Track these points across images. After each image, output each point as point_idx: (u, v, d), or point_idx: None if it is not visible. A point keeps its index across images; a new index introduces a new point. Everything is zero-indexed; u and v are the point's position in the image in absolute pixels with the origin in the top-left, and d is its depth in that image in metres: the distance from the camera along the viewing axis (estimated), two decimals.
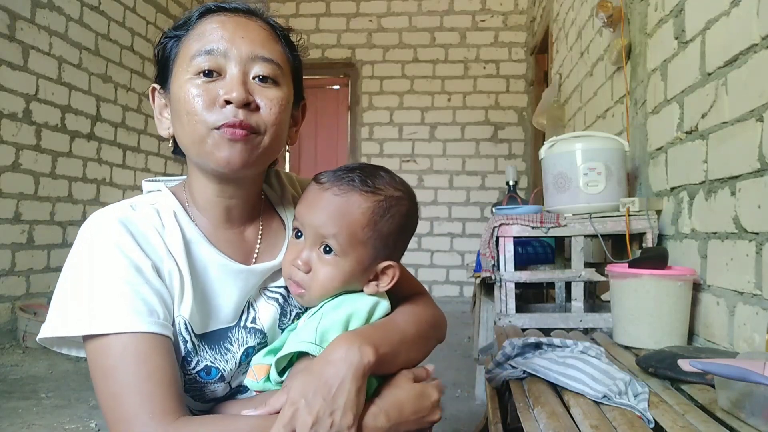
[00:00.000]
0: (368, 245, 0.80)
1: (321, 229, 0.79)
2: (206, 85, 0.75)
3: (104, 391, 0.69)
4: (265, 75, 0.78)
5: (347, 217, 0.79)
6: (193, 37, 0.78)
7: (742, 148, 1.33)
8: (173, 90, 0.78)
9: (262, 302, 0.85)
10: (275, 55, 0.79)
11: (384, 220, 0.81)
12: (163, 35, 0.82)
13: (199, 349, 0.78)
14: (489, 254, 1.89)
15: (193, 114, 0.75)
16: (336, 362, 0.70)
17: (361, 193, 0.80)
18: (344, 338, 0.73)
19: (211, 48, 0.76)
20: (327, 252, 0.80)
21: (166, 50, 0.81)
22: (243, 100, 0.74)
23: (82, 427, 2.04)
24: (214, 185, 0.81)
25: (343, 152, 5.66)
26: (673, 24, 1.75)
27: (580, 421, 0.93)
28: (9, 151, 3.25)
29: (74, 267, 0.74)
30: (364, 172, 0.82)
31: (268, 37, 0.80)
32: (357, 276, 0.82)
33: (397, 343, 0.79)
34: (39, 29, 3.45)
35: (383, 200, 0.81)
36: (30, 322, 3.16)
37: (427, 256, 5.33)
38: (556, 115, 3.63)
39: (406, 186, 0.86)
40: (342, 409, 0.68)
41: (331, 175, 0.82)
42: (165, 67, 0.81)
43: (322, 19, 5.62)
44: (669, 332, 1.46)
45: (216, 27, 0.78)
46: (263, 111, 0.77)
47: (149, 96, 0.85)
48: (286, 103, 0.80)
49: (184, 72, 0.77)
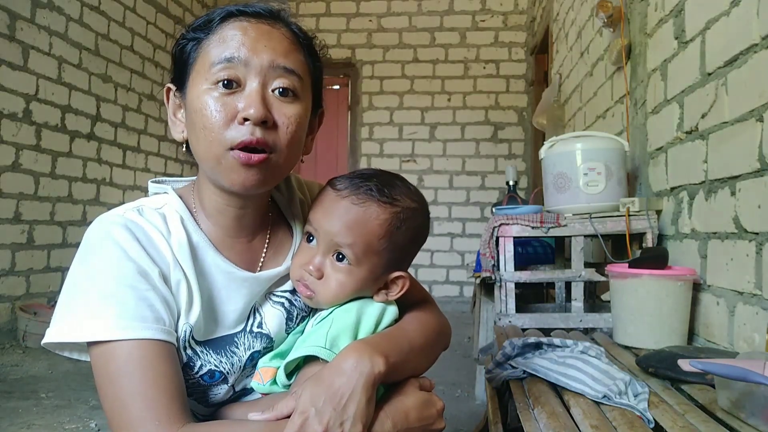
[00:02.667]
0: (382, 255, 0.80)
1: (337, 237, 0.79)
2: (224, 98, 0.73)
3: (109, 397, 0.69)
4: (285, 87, 0.76)
5: (365, 227, 0.78)
6: (213, 42, 0.76)
7: (742, 148, 1.33)
8: (190, 97, 0.77)
9: (267, 307, 0.85)
10: (297, 66, 0.77)
11: (399, 231, 0.80)
12: (182, 35, 0.80)
13: (203, 354, 0.78)
14: (489, 254, 1.89)
15: (210, 130, 0.73)
16: (347, 372, 0.69)
17: (379, 203, 0.79)
18: (355, 348, 0.73)
19: (232, 56, 0.74)
20: (340, 260, 0.80)
21: (184, 53, 0.79)
22: (261, 118, 0.72)
23: (82, 427, 2.04)
24: (225, 195, 0.80)
25: (343, 152, 5.66)
26: (673, 24, 1.75)
27: (580, 421, 0.93)
28: (9, 151, 3.25)
29: (79, 272, 0.73)
30: (380, 180, 0.81)
31: (290, 47, 0.78)
32: (368, 284, 0.82)
33: (406, 353, 0.79)
34: (39, 29, 3.45)
35: (400, 212, 0.80)
36: (30, 322, 3.16)
37: (427, 256, 5.33)
38: (556, 115, 3.63)
39: (421, 196, 0.86)
40: (352, 419, 0.67)
41: (348, 182, 0.81)
42: (183, 69, 0.79)
43: (322, 19, 5.62)
44: (669, 332, 1.46)
45: (237, 33, 0.75)
46: (281, 129, 0.75)
47: (164, 95, 0.83)
48: (304, 119, 0.79)
49: (202, 80, 0.75)
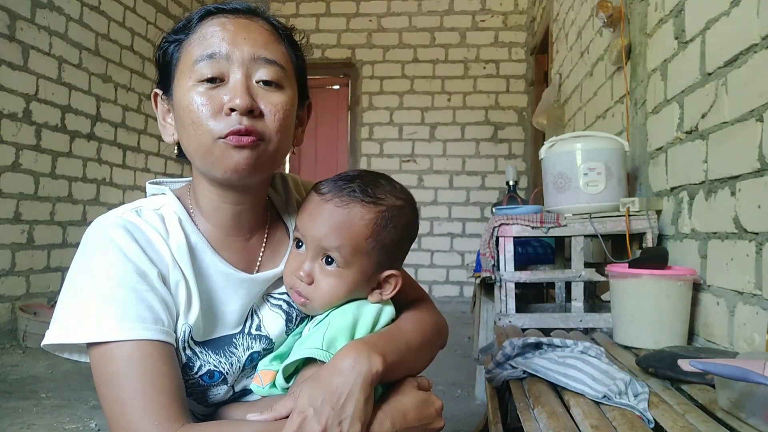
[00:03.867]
0: (371, 256, 0.80)
1: (323, 241, 0.79)
2: (210, 92, 0.74)
3: (109, 398, 0.69)
4: (269, 79, 0.76)
5: (350, 229, 0.78)
6: (194, 41, 0.77)
7: (742, 148, 1.33)
8: (176, 97, 0.77)
9: (266, 309, 0.85)
10: (278, 56, 0.78)
11: (386, 230, 0.80)
12: (163, 39, 0.81)
13: (202, 354, 0.78)
14: (489, 254, 1.89)
15: (199, 124, 0.74)
16: (344, 371, 0.70)
17: (363, 204, 0.79)
18: (352, 347, 0.73)
19: (213, 52, 0.75)
20: (329, 263, 0.80)
21: (167, 55, 0.79)
22: (247, 107, 0.73)
23: (82, 427, 2.04)
24: (220, 191, 0.80)
25: (343, 152, 5.66)
26: (673, 24, 1.75)
27: (580, 421, 0.94)
28: (9, 151, 3.24)
29: (78, 273, 0.73)
30: (364, 181, 0.81)
31: (270, 38, 0.79)
32: (360, 286, 0.82)
33: (404, 352, 0.79)
34: (39, 29, 3.45)
35: (385, 210, 0.81)
36: (30, 322, 3.16)
37: (427, 256, 5.33)
38: (556, 115, 3.63)
39: (407, 193, 0.86)
40: (350, 419, 0.67)
41: (332, 185, 0.81)
42: (167, 72, 0.80)
43: (322, 19, 5.62)
44: (669, 332, 1.46)
45: (217, 30, 0.76)
46: (267, 117, 0.75)
47: (152, 101, 0.84)
48: (290, 107, 0.79)
49: (186, 78, 0.75)
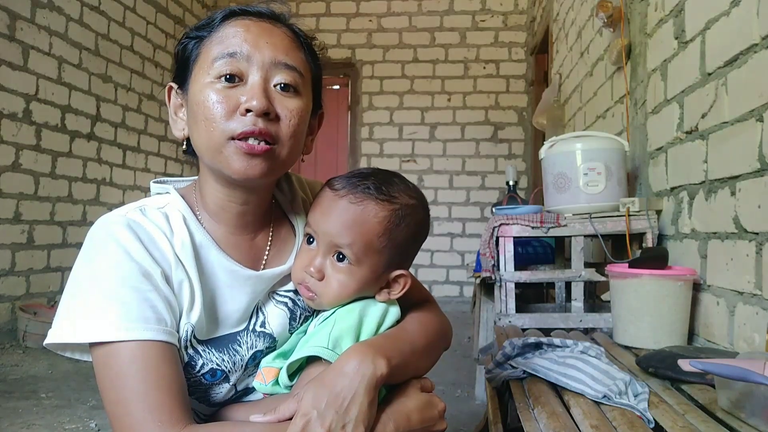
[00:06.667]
0: (383, 254, 0.80)
1: (336, 237, 0.78)
2: (227, 90, 0.74)
3: (111, 399, 0.69)
4: (287, 83, 0.76)
5: (363, 226, 0.78)
6: (215, 39, 0.77)
7: (742, 148, 1.33)
8: (192, 92, 0.77)
9: (271, 306, 0.85)
10: (298, 63, 0.78)
11: (399, 229, 0.80)
12: (184, 35, 0.81)
13: (204, 353, 0.78)
14: (489, 254, 1.89)
15: (212, 120, 0.74)
16: (349, 374, 0.69)
17: (377, 201, 0.79)
18: (357, 349, 0.72)
19: (234, 51, 0.75)
20: (340, 260, 0.80)
21: (186, 50, 0.80)
22: (264, 109, 0.73)
23: (82, 427, 2.04)
24: (227, 190, 0.80)
25: (343, 152, 5.66)
26: (673, 24, 1.75)
27: (580, 421, 0.94)
28: (9, 151, 3.25)
29: (82, 272, 0.73)
30: (378, 178, 0.81)
31: (291, 45, 0.79)
32: (370, 284, 0.81)
33: (408, 354, 0.79)
34: (39, 29, 3.45)
35: (399, 209, 0.80)
36: (30, 322, 3.16)
37: (427, 256, 5.33)
38: (556, 115, 3.63)
39: (419, 193, 0.86)
40: (354, 422, 0.67)
41: (346, 181, 0.81)
42: (184, 67, 0.80)
43: (322, 19, 5.62)
44: (669, 332, 1.46)
45: (240, 30, 0.76)
46: (283, 122, 0.76)
47: (165, 94, 0.84)
48: (305, 113, 0.79)
49: (204, 74, 0.75)
